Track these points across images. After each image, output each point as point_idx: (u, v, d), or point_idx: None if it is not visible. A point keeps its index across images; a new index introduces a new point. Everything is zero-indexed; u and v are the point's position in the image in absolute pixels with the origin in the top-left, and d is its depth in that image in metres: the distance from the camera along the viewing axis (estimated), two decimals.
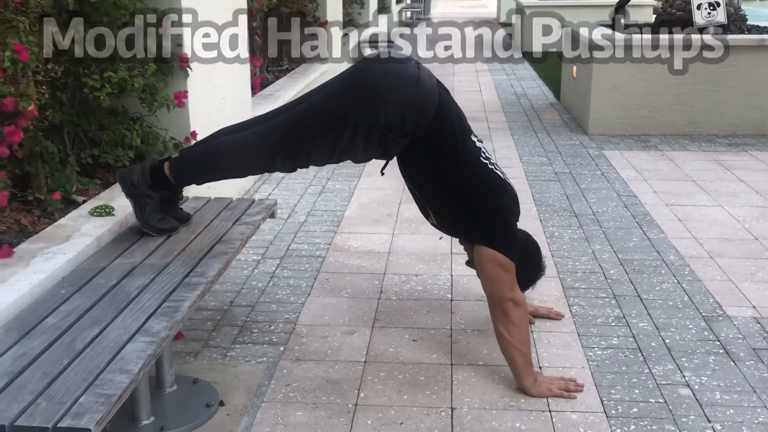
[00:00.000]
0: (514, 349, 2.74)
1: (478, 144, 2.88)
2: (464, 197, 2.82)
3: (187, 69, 4.02)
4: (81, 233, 2.99)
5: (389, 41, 11.02)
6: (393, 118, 2.66)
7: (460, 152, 2.80)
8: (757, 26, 7.58)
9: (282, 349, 3.06)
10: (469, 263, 3.15)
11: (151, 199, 2.89)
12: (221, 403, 2.67)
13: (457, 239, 3.25)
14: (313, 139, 2.73)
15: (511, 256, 2.79)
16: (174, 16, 3.96)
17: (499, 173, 2.88)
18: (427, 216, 3.03)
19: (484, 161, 2.85)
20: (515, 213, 2.91)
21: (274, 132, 2.78)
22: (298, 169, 2.92)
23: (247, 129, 2.88)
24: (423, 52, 13.68)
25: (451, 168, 2.80)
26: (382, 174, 3.06)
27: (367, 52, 12.13)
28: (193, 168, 2.89)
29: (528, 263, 3.01)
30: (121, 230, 3.11)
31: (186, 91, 4.01)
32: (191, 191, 3.56)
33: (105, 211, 3.21)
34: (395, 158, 2.89)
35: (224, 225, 3.07)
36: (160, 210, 2.93)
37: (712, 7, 6.98)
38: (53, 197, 3.29)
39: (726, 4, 7.02)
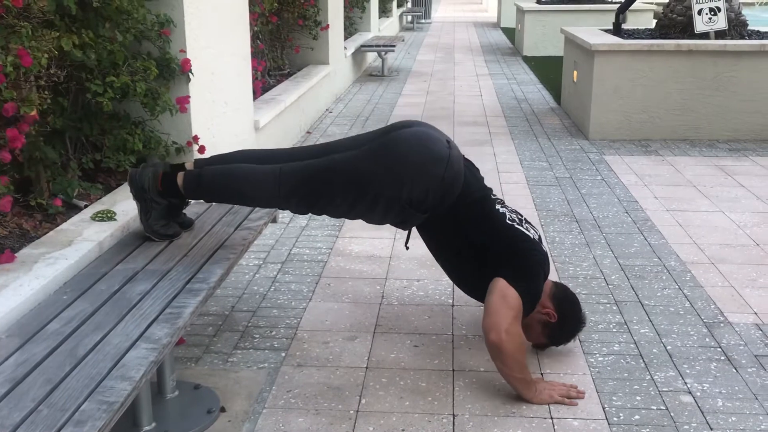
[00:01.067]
0: (512, 378, 2.70)
1: (501, 210, 2.91)
2: (490, 259, 2.82)
3: (189, 74, 4.02)
4: (83, 238, 2.99)
5: (390, 46, 11.02)
6: (417, 195, 2.73)
7: (483, 224, 2.85)
8: (758, 31, 7.59)
9: (283, 354, 3.05)
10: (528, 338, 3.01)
11: (158, 205, 2.90)
12: (222, 409, 2.67)
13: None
14: (334, 195, 2.78)
15: (524, 300, 2.72)
16: (176, 21, 3.96)
17: (530, 234, 2.88)
18: (451, 279, 3.13)
19: (510, 223, 2.87)
20: (544, 269, 2.87)
21: (297, 177, 2.80)
22: (311, 215, 2.96)
23: (270, 160, 2.90)
24: (423, 55, 13.70)
25: (476, 238, 2.84)
26: (407, 248, 3.18)
27: (369, 59, 12.13)
28: (208, 188, 2.92)
29: (569, 316, 2.94)
30: (123, 235, 3.11)
31: (188, 97, 4.01)
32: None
33: (107, 216, 3.21)
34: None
35: (226, 230, 3.07)
36: (164, 216, 2.93)
37: (713, 13, 6.99)
38: (55, 202, 3.29)
39: (727, 10, 7.03)
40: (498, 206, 2.92)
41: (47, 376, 1.95)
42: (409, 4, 23.28)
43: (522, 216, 3.02)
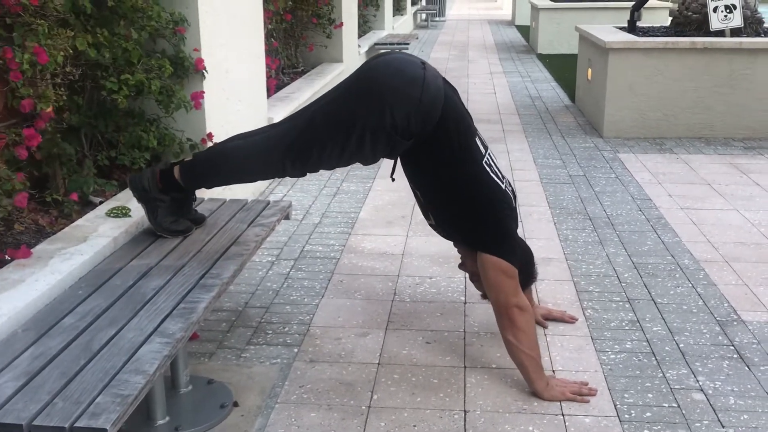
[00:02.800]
0: (523, 355, 2.74)
1: (482, 148, 2.86)
2: (463, 202, 2.82)
3: (204, 72, 4.05)
4: (98, 234, 3.02)
5: (404, 43, 11.02)
6: (399, 120, 2.67)
7: (461, 154, 2.79)
8: None
9: (296, 350, 3.07)
10: (462, 266, 3.11)
11: (162, 203, 2.92)
12: (235, 404, 2.69)
13: (453, 242, 3.16)
14: (323, 143, 2.75)
15: (513, 262, 2.80)
16: (191, 20, 3.99)
17: (498, 180, 2.85)
18: (427, 217, 3.02)
19: (485, 166, 2.83)
20: (514, 218, 2.89)
21: (285, 137, 2.80)
22: (309, 173, 2.93)
23: (258, 135, 2.90)
24: (437, 53, 13.70)
25: (451, 170, 2.79)
26: (392, 180, 3.09)
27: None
28: (203, 171, 2.91)
29: (522, 269, 2.92)
30: (137, 231, 3.14)
31: (203, 92, 4.03)
32: (207, 193, 3.59)
33: (122, 212, 3.24)
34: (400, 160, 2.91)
35: (239, 227, 3.10)
36: (172, 213, 2.95)
37: (728, 10, 6.95)
38: (70, 198, 3.32)
39: (742, 7, 6.99)
40: (479, 141, 2.86)
41: (62, 370, 1.97)
42: (423, 2, 23.26)
43: (496, 164, 2.96)
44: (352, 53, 9.35)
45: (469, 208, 2.82)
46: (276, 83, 6.84)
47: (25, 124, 3.05)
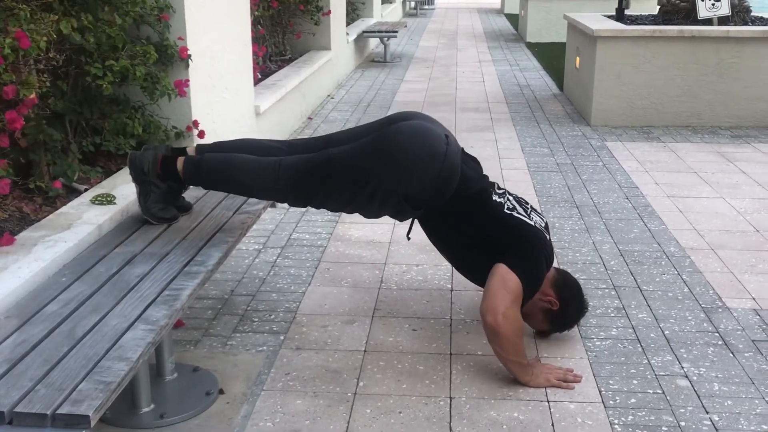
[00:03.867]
0: (508, 362, 2.72)
1: (499, 200, 2.89)
2: (491, 247, 2.82)
3: (188, 59, 4.02)
4: (82, 221, 3.00)
5: (392, 32, 10.99)
6: (414, 189, 2.74)
7: (480, 215, 2.85)
8: (761, 18, 7.56)
9: (282, 338, 3.07)
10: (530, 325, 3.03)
11: (157, 188, 2.91)
12: (221, 392, 2.68)
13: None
14: (332, 189, 2.80)
15: (525, 286, 2.71)
16: (176, 6, 3.96)
17: (529, 221, 2.87)
18: (456, 268, 3.12)
19: (509, 212, 2.86)
20: (546, 256, 2.84)
21: (295, 171, 2.82)
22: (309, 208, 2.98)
23: (270, 152, 2.92)
24: (426, 42, 13.67)
25: (475, 229, 2.85)
26: (408, 239, 3.20)
27: (371, 45, 12.10)
28: (207, 176, 2.93)
29: (570, 303, 2.94)
30: (122, 219, 3.12)
31: (187, 80, 4.00)
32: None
33: (106, 199, 3.22)
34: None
35: (225, 214, 3.08)
36: (163, 199, 2.94)
37: None
38: (54, 185, 3.29)
39: None
40: (496, 197, 2.90)
41: (45, 357, 1.96)
42: None
43: (528, 204, 3.01)
44: (340, 41, 9.31)
45: (495, 248, 2.81)
46: (263, 71, 6.80)
47: (7, 110, 3.01)
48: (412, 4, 21.71)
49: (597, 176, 5.32)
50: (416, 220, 3.00)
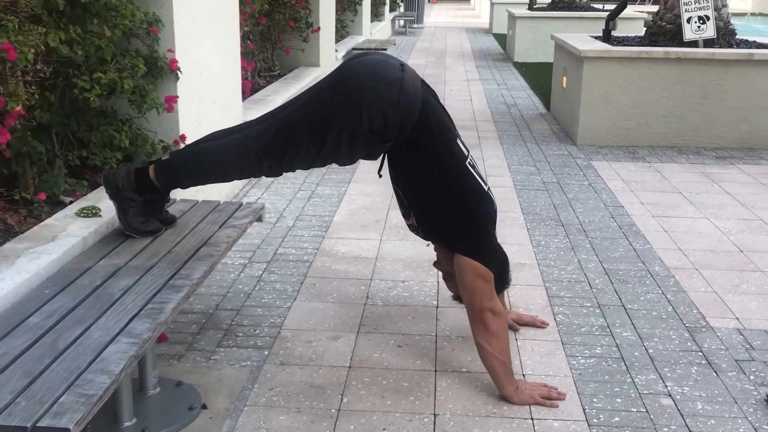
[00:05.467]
0: (494, 359, 2.74)
1: (464, 150, 2.87)
2: (446, 203, 2.82)
3: (177, 72, 4.02)
4: (67, 234, 2.99)
5: (382, 49, 11.04)
6: (376, 121, 2.66)
7: (444, 155, 2.79)
8: (746, 40, 7.65)
9: (266, 353, 3.05)
10: (436, 264, 3.11)
11: (135, 203, 2.89)
12: (204, 407, 2.66)
13: (430, 242, 3.16)
14: (299, 143, 2.74)
15: (490, 267, 2.80)
16: (165, 20, 3.96)
17: (482, 183, 2.88)
18: (407, 218, 3.02)
19: (469, 167, 2.84)
20: (493, 223, 2.91)
21: (261, 137, 2.78)
22: (284, 173, 2.91)
23: (234, 134, 2.88)
24: (415, 60, 13.73)
25: (434, 171, 2.79)
26: (380, 176, 3.06)
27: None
28: (178, 172, 2.89)
29: (497, 272, 2.95)
30: (107, 231, 3.10)
31: (176, 96, 4.01)
32: (179, 194, 3.56)
33: (92, 212, 3.21)
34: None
35: (210, 228, 3.07)
36: (143, 213, 2.92)
37: (702, 21, 7.03)
38: (39, 197, 3.28)
39: (716, 18, 7.08)
40: (460, 144, 2.87)
41: (26, 369, 1.94)
42: (402, 9, 23.33)
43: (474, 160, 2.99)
44: (329, 58, 9.34)
45: (452, 207, 2.81)
46: (252, 86, 6.81)
47: None
48: (402, 22, 21.83)
49: (583, 195, 5.35)
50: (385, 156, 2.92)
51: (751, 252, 4.27)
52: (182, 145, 4.10)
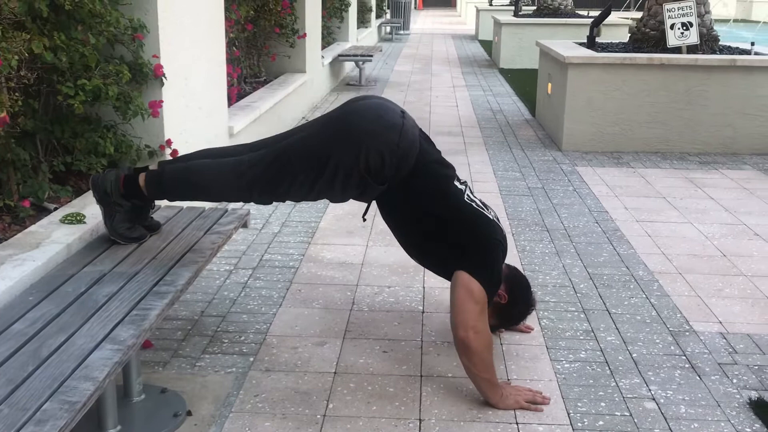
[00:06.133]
0: (478, 378, 2.73)
1: (460, 186, 2.91)
2: (450, 237, 2.84)
3: (162, 78, 4.02)
4: (51, 240, 2.98)
5: (368, 56, 11.06)
6: (373, 162, 2.72)
7: (441, 198, 2.85)
8: (729, 46, 7.71)
9: (252, 359, 3.05)
10: None
11: (121, 208, 2.89)
12: (189, 413, 2.66)
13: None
14: (294, 176, 2.78)
15: (488, 290, 2.77)
16: (150, 26, 3.96)
17: (487, 214, 2.90)
18: (410, 254, 3.10)
19: (469, 203, 2.87)
20: (504, 250, 2.91)
21: (257, 164, 2.80)
22: (275, 203, 2.94)
23: (230, 155, 2.90)
24: (401, 66, 13.76)
25: (434, 212, 2.84)
26: (364, 219, 3.12)
27: (347, 68, 12.16)
28: (169, 186, 2.90)
29: (519, 298, 3.07)
30: (91, 238, 3.10)
31: (161, 101, 4.00)
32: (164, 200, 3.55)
33: (76, 218, 3.20)
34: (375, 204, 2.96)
35: (195, 234, 3.07)
36: (129, 219, 2.92)
37: (685, 28, 7.09)
38: (23, 204, 3.27)
39: (699, 25, 7.14)
40: (457, 183, 2.91)
41: (9, 377, 1.94)
42: (388, 15, 23.37)
43: (480, 199, 3.03)
44: (315, 64, 9.35)
45: (456, 240, 2.84)
46: (238, 92, 6.81)
47: None
48: (388, 29, 21.87)
49: (567, 200, 5.37)
50: (374, 201, 2.96)
51: (734, 256, 4.30)
52: (168, 151, 4.09)
